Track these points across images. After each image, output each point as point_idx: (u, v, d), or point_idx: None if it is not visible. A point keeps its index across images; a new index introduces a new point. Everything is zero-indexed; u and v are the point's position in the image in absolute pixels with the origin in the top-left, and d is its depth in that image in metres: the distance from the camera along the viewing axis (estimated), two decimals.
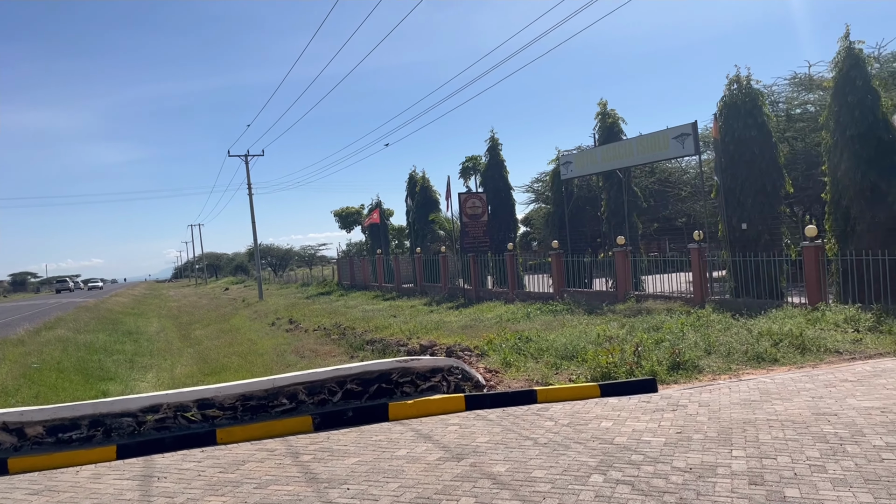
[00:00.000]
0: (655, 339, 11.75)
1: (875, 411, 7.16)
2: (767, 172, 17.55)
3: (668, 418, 7.34)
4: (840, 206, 15.75)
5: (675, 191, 30.93)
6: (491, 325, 17.46)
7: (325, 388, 8.07)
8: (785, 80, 26.71)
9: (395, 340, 16.75)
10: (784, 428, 6.69)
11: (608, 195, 23.14)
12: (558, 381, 9.64)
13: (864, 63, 15.71)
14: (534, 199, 39.59)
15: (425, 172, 35.55)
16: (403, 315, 22.43)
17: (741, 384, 8.98)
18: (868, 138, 15.07)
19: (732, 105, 17.88)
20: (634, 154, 20.71)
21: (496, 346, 12.87)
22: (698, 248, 17.82)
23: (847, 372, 9.42)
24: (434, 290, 29.58)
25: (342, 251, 55.35)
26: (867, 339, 11.21)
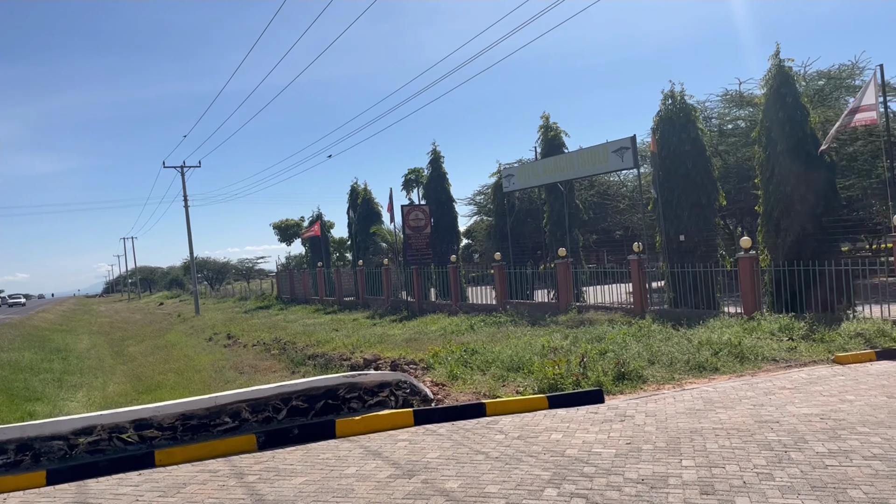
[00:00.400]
0: (599, 349, 11.86)
1: (815, 418, 7.35)
2: (702, 185, 18.03)
3: (617, 429, 7.37)
4: (772, 219, 16.27)
5: (614, 203, 31.53)
6: (435, 337, 17.38)
7: (270, 405, 7.82)
8: (717, 96, 27.62)
9: (337, 355, 16.50)
10: (730, 436, 6.80)
11: (551, 208, 23.40)
12: (506, 393, 9.61)
13: (794, 80, 16.32)
14: (476, 211, 39.84)
15: (367, 184, 35.38)
16: (346, 328, 22.15)
17: (685, 393, 9.12)
18: (798, 153, 15.62)
19: (668, 120, 18.34)
20: (575, 167, 21.01)
21: (442, 358, 12.79)
22: (638, 260, 18.15)
23: (784, 379, 9.68)
24: (376, 302, 29.33)
25: (281, 264, 54.48)
26: (801, 348, 11.57)
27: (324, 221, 41.28)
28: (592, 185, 30.26)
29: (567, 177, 21.62)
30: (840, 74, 24.78)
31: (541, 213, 24.35)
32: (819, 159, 15.84)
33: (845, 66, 24.74)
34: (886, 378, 9.41)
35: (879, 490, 5.07)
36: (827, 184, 15.90)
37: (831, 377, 9.68)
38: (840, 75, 24.74)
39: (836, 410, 7.65)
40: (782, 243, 15.93)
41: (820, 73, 25.03)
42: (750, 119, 26.11)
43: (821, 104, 22.47)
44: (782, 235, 15.94)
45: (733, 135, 26.88)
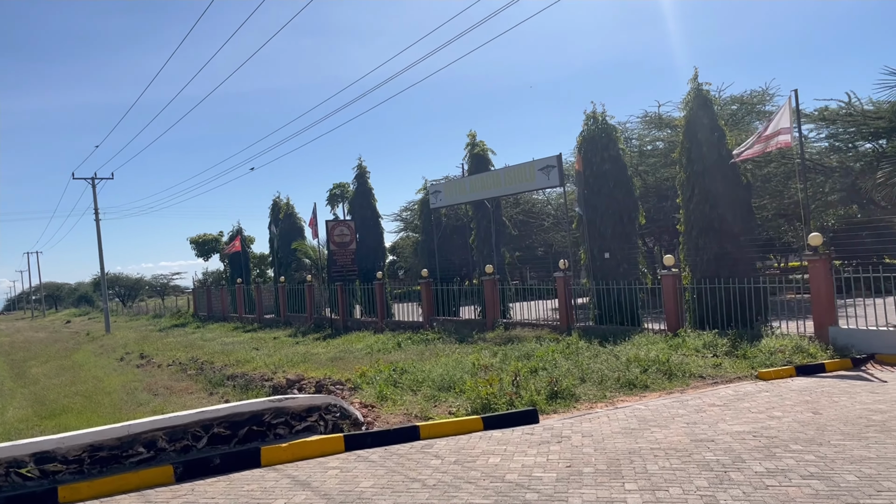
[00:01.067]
0: (530, 367, 11.75)
1: (747, 436, 7.40)
2: (624, 204, 18.38)
3: (556, 451, 7.21)
4: (692, 237, 16.67)
5: (538, 221, 31.87)
6: (361, 356, 16.95)
7: (189, 433, 7.28)
8: (637, 117, 28.39)
9: (258, 375, 15.83)
10: (668, 457, 6.73)
11: (478, 224, 23.39)
12: (438, 414, 9.34)
13: (711, 104, 16.87)
14: (402, 227, 39.57)
15: (290, 199, 34.60)
16: (267, 347, 21.40)
17: (618, 412, 9.08)
18: (716, 174, 16.10)
19: (591, 139, 18.65)
20: (502, 184, 21.07)
21: (370, 378, 12.41)
22: (564, 277, 18.27)
23: (713, 396, 9.79)
24: (299, 320, 28.58)
25: (198, 280, 52.60)
26: (726, 364, 11.78)
27: (244, 236, 40.12)
28: (518, 203, 30.50)
29: (494, 194, 21.66)
30: (752, 100, 25.89)
31: (468, 230, 24.30)
32: (737, 180, 16.37)
33: (757, 91, 25.87)
34: (808, 394, 9.64)
35: None
36: (744, 204, 16.46)
37: (757, 393, 9.85)
38: (752, 100, 25.84)
39: (766, 428, 7.73)
40: (702, 261, 16.32)
41: (734, 98, 26.08)
42: (669, 140, 26.93)
43: (735, 127, 23.32)
44: (702, 253, 16.34)
45: (653, 155, 27.64)
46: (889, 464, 6.13)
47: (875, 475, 5.82)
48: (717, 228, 16.08)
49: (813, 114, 16.87)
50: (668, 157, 25.97)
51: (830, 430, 7.49)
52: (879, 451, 6.56)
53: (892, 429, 7.39)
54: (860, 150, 17.49)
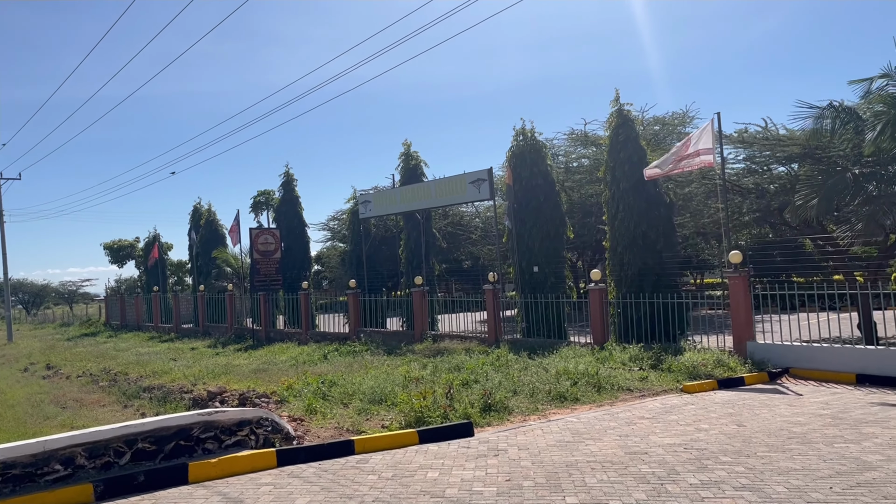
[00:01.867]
0: (462, 379, 11.71)
1: (679, 448, 7.56)
2: (552, 219, 18.71)
3: (493, 464, 7.17)
4: (617, 253, 17.08)
5: (467, 234, 32.04)
6: (286, 367, 16.54)
7: (111, 448, 6.87)
8: (564, 135, 28.98)
9: (177, 387, 15.21)
10: (605, 470, 6.79)
11: (408, 236, 23.30)
12: (370, 427, 9.16)
13: (633, 124, 17.39)
14: (330, 237, 39.01)
15: (211, 205, 33.65)
16: (185, 358, 20.63)
17: (551, 424, 9.13)
18: (639, 192, 16.57)
19: (520, 155, 18.94)
20: (433, 196, 21.07)
21: (297, 391, 12.10)
22: (493, 290, 18.38)
23: (641, 409, 9.99)
24: (219, 330, 27.71)
25: (112, 288, 50.36)
26: (652, 377, 12.06)
27: (161, 243, 38.71)
28: (447, 215, 30.60)
29: (425, 205, 21.63)
30: (673, 121, 26.85)
31: (397, 241, 24.17)
32: (660, 198, 16.89)
33: (678, 113, 26.85)
34: (731, 406, 9.96)
35: None
36: (666, 221, 16.99)
37: (683, 406, 10.11)
38: (673, 122, 26.80)
39: (695, 440, 7.92)
40: (626, 276, 16.73)
41: (656, 119, 26.98)
42: (594, 157, 27.60)
43: (657, 147, 24.08)
44: (626, 269, 16.75)
45: (578, 172, 28.26)
46: (814, 475, 6.36)
47: (802, 486, 6.03)
48: (640, 245, 16.52)
49: (732, 136, 17.61)
50: (593, 175, 26.60)
51: (755, 441, 7.74)
52: (804, 462, 6.81)
53: (813, 441, 7.70)
54: (774, 173, 18.35)
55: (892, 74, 13.05)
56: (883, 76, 13.15)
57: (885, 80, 13.17)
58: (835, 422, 8.66)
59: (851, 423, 8.57)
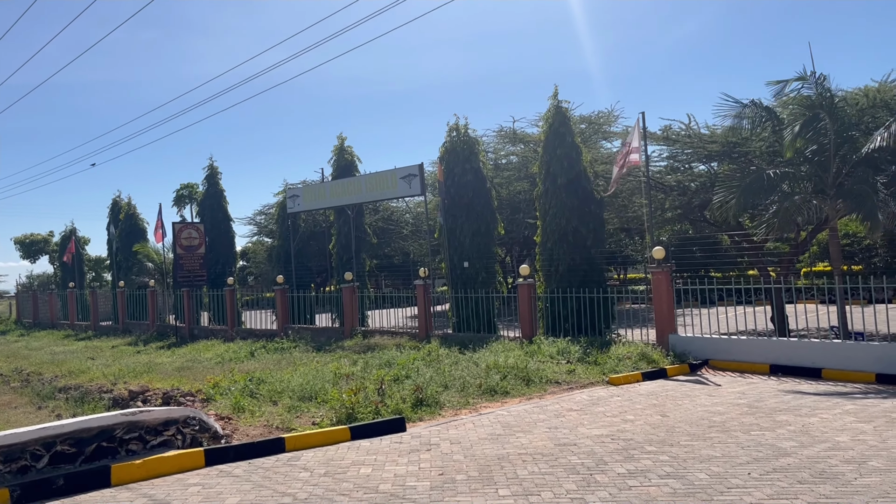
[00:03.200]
0: (393, 375, 11.69)
1: (606, 439, 7.76)
2: (483, 215, 18.85)
3: (426, 459, 7.19)
4: (547, 248, 17.36)
5: (398, 229, 31.96)
6: (211, 365, 16.17)
7: (28, 451, 6.54)
8: (493, 132, 29.21)
9: (96, 386, 14.65)
10: (536, 461, 6.91)
11: (338, 231, 23.06)
12: (301, 425, 9.05)
13: (570, 121, 17.69)
14: (256, 232, 38.16)
15: (131, 199, 32.41)
16: (104, 357, 19.90)
17: (482, 418, 9.23)
18: (573, 188, 16.88)
19: (453, 151, 19.00)
20: (364, 191, 20.92)
21: (224, 389, 11.84)
22: (424, 285, 18.41)
23: (569, 401, 10.21)
24: (140, 328, 26.81)
25: (23, 284, 47.94)
26: (579, 370, 12.33)
27: (78, 237, 37.08)
28: (377, 211, 30.43)
29: (355, 200, 21.46)
30: (599, 120, 27.41)
31: (327, 236, 23.90)
32: (591, 195, 17.25)
33: (603, 112, 27.44)
34: (655, 398, 10.29)
35: None
36: (596, 218, 17.37)
37: (609, 398, 10.38)
38: (599, 121, 27.37)
39: (622, 431, 8.15)
40: (556, 271, 17.03)
41: (582, 118, 27.47)
42: (522, 155, 27.93)
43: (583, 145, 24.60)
44: (556, 264, 17.05)
45: (507, 169, 28.54)
46: (734, 462, 6.64)
47: (723, 473, 6.29)
48: (571, 241, 16.84)
49: (657, 134, 18.14)
50: (521, 171, 26.93)
51: (679, 431, 8.03)
52: (724, 450, 7.10)
53: (731, 429, 8.04)
54: (696, 171, 19.01)
55: (806, 77, 13.69)
56: (798, 79, 13.79)
57: (801, 82, 13.80)
58: (751, 410, 9.06)
59: (767, 411, 8.99)
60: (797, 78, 13.78)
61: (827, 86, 13.70)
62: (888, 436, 7.48)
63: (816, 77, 13.65)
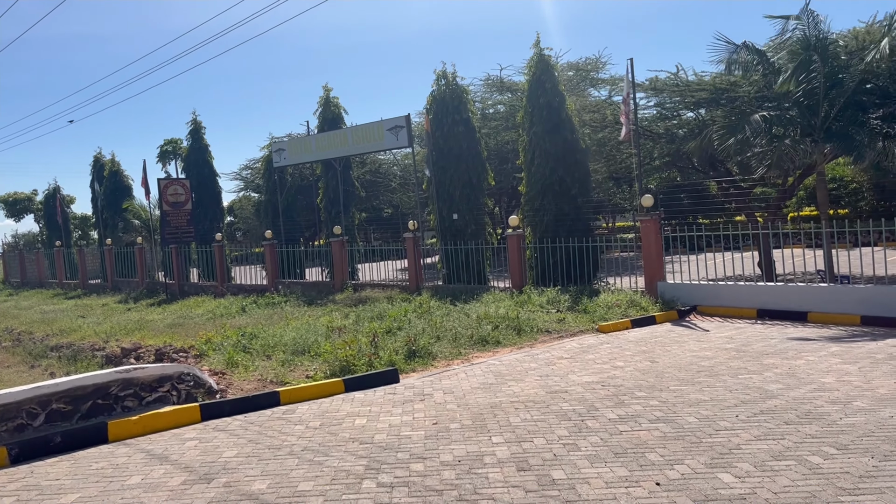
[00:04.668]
0: (385, 327, 11.77)
1: (597, 386, 7.88)
2: (473, 166, 18.73)
3: (420, 409, 7.29)
4: (533, 199, 17.32)
5: (385, 182, 31.79)
6: (203, 321, 16.21)
7: (24, 410, 6.58)
8: (480, 80, 28.86)
9: (88, 345, 14.69)
10: (528, 409, 7.02)
11: (326, 184, 22.89)
12: (295, 378, 9.12)
13: (553, 69, 17.46)
14: (243, 187, 37.87)
15: (115, 155, 31.98)
16: (95, 315, 19.90)
17: (474, 368, 9.33)
18: (556, 137, 16.76)
19: (441, 101, 18.73)
20: (350, 144, 20.72)
21: (216, 345, 11.90)
22: (413, 238, 18.40)
23: (560, 349, 10.33)
24: (129, 285, 26.76)
25: (8, 243, 47.57)
26: (569, 319, 12.45)
27: (62, 196, 36.67)
28: (364, 164, 30.21)
29: (341, 153, 21.26)
30: (586, 67, 27.15)
31: (314, 190, 23.73)
32: (576, 144, 17.15)
33: (591, 59, 27.16)
34: (644, 344, 10.43)
35: (672, 451, 5.50)
36: (582, 167, 17.31)
37: (599, 345, 10.51)
38: (586, 67, 27.10)
39: (612, 377, 8.28)
40: (542, 222, 17.03)
41: (570, 65, 27.20)
42: (510, 104, 27.68)
43: (571, 93, 24.37)
44: (542, 214, 17.04)
45: (494, 118, 28.30)
46: (722, 405, 6.77)
47: (712, 416, 6.42)
48: (557, 190, 16.80)
49: (644, 83, 18.00)
50: (508, 121, 26.70)
51: (668, 376, 8.16)
52: (712, 394, 7.23)
53: (719, 373, 8.18)
54: (684, 118, 18.93)
55: (800, 17, 13.55)
56: (796, 17, 13.66)
57: (796, 21, 13.68)
58: (739, 354, 9.21)
59: (754, 355, 9.14)
60: (795, 17, 13.64)
61: (819, 26, 13.58)
62: (872, 376, 7.64)
63: (813, 16, 13.52)
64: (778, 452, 5.35)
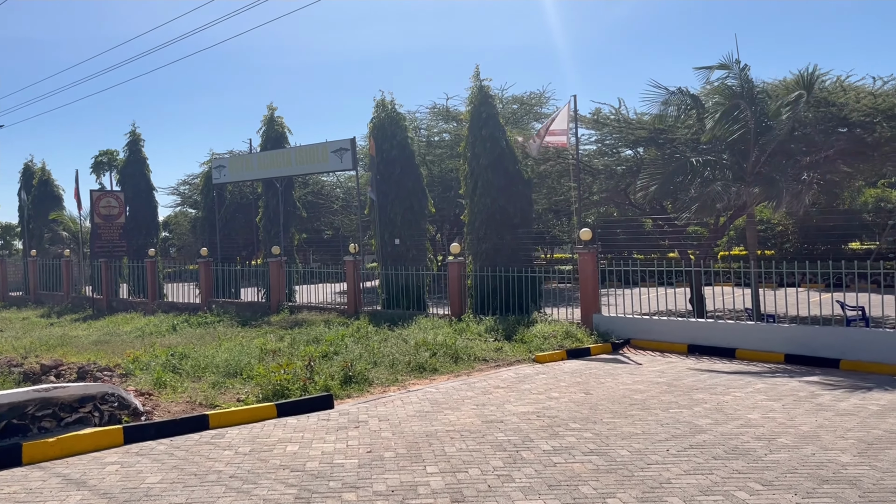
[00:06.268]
0: (321, 351, 11.60)
1: (532, 416, 7.92)
2: (413, 192, 18.81)
3: (354, 436, 7.18)
4: (475, 227, 17.46)
5: (327, 203, 31.53)
6: (131, 339, 15.66)
7: None
8: (426, 108, 29.04)
9: (5, 360, 13.94)
10: (464, 439, 6.99)
11: (266, 203, 22.55)
12: (225, 402, 8.87)
13: (493, 101, 17.75)
14: (180, 202, 36.92)
15: (46, 164, 30.84)
16: (13, 329, 19.01)
17: (411, 395, 9.27)
18: (498, 168, 16.97)
19: (381, 126, 18.83)
20: (293, 164, 20.51)
21: (144, 364, 11.48)
22: (354, 261, 18.27)
23: (497, 379, 10.36)
24: (53, 299, 25.67)
25: None
26: (506, 348, 12.52)
27: None
28: (307, 184, 29.91)
29: (284, 173, 21.02)
30: (531, 101, 27.64)
31: (254, 208, 23.34)
32: (518, 175, 17.40)
33: (535, 93, 27.66)
34: (579, 375, 10.56)
35: (605, 485, 5.55)
36: (524, 198, 17.54)
37: (535, 375, 10.59)
38: (531, 102, 27.59)
39: (547, 408, 8.33)
40: (484, 250, 17.17)
41: (515, 98, 27.65)
42: (455, 133, 27.91)
43: (515, 126, 24.76)
44: (484, 243, 17.18)
45: (439, 146, 28.48)
46: (653, 439, 6.89)
47: (643, 450, 6.51)
48: (498, 220, 16.98)
49: (587, 117, 18.42)
50: (453, 149, 26.88)
51: (601, 409, 8.26)
52: (644, 427, 7.35)
53: (651, 407, 8.33)
54: (622, 155, 19.44)
55: (730, 66, 14.12)
56: (721, 66, 14.22)
57: (725, 71, 14.24)
58: (670, 389, 9.41)
59: (684, 389, 9.35)
60: (720, 66, 14.21)
61: (748, 76, 14.19)
62: (795, 414, 7.90)
63: (740, 67, 14.11)
64: (706, 487, 5.46)
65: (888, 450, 6.44)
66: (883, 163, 16.50)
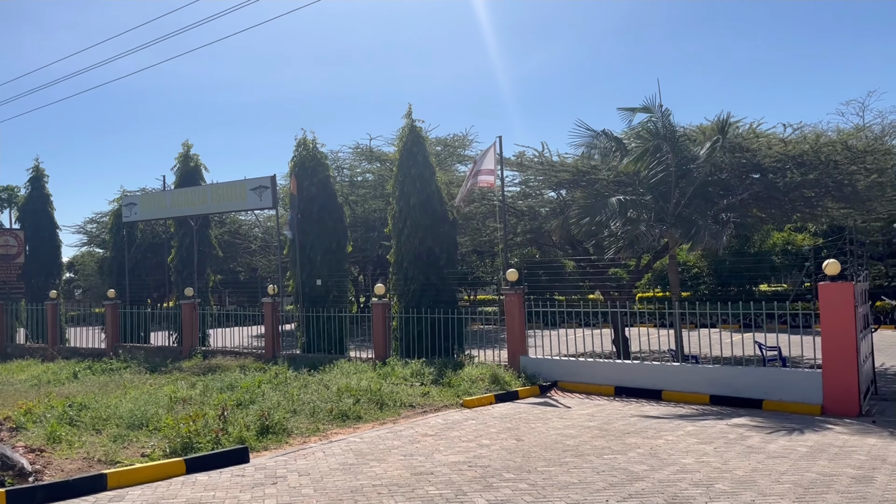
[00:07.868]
0: (236, 399, 10.88)
1: (463, 466, 7.51)
2: (334, 232, 18.35)
3: (272, 494, 6.59)
4: (402, 268, 17.10)
5: (245, 243, 30.56)
6: (25, 388, 14.41)
7: None
8: (349, 148, 28.75)
9: None
10: (392, 493, 6.52)
11: (180, 243, 21.53)
12: (128, 457, 8.08)
13: (424, 140, 17.59)
14: (87, 241, 35.01)
15: None
16: None
17: (333, 446, 8.71)
18: (426, 208, 16.74)
19: (302, 165, 18.39)
20: (209, 202, 19.70)
21: (37, 416, 10.47)
22: (272, 303, 17.55)
23: (424, 426, 9.91)
24: None
25: None
26: (433, 392, 12.09)
27: None
28: (224, 223, 28.90)
29: (200, 211, 20.15)
30: (454, 143, 27.75)
31: (167, 248, 22.26)
32: (444, 216, 17.21)
33: (459, 136, 27.81)
34: (509, 420, 10.23)
35: None
36: (450, 239, 17.34)
37: (464, 421, 10.20)
38: (454, 144, 27.70)
39: (479, 457, 7.94)
40: (409, 291, 16.79)
41: (438, 140, 27.68)
42: (378, 173, 27.68)
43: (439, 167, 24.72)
44: (410, 284, 16.82)
45: (363, 186, 28.16)
46: (591, 488, 6.59)
47: (582, 501, 6.20)
48: (426, 260, 16.68)
49: (511, 160, 18.49)
50: (377, 189, 26.62)
51: (534, 456, 7.93)
52: (580, 475, 7.05)
53: (585, 453, 8.06)
54: (546, 197, 19.57)
55: (652, 109, 14.43)
56: (644, 109, 14.52)
57: (647, 114, 14.53)
58: (602, 433, 9.19)
59: (616, 434, 9.15)
60: (643, 108, 14.50)
61: (670, 120, 14.53)
62: (728, 457, 7.79)
63: (662, 110, 14.43)
64: None
65: (825, 494, 6.36)
66: (794, 207, 17.13)
